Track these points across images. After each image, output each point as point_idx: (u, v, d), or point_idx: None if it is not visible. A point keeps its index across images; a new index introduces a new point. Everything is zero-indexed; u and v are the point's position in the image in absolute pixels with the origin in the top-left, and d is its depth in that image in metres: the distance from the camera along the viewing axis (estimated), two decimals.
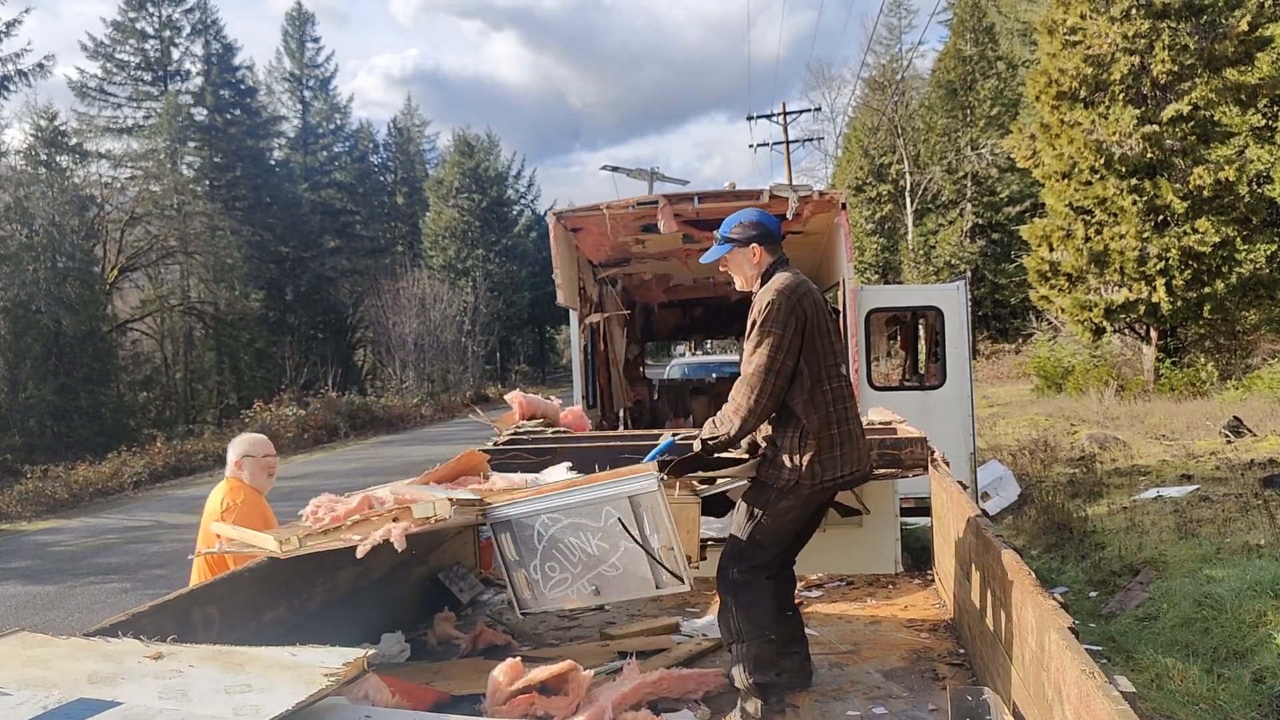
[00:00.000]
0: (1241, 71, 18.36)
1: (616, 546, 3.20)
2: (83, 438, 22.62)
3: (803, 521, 3.39)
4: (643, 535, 3.17)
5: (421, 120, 59.00)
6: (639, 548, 3.17)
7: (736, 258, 3.45)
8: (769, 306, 3.20)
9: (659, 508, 3.17)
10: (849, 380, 3.44)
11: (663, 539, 3.16)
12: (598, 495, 3.22)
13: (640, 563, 3.19)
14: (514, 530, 3.33)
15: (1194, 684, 4.85)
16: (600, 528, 3.21)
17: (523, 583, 3.34)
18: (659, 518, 3.17)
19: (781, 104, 34.07)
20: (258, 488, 4.34)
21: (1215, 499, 8.67)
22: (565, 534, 3.25)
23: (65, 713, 1.90)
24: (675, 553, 3.15)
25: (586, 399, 7.83)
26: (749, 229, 3.43)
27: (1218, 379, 18.19)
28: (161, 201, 32.66)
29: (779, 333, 3.17)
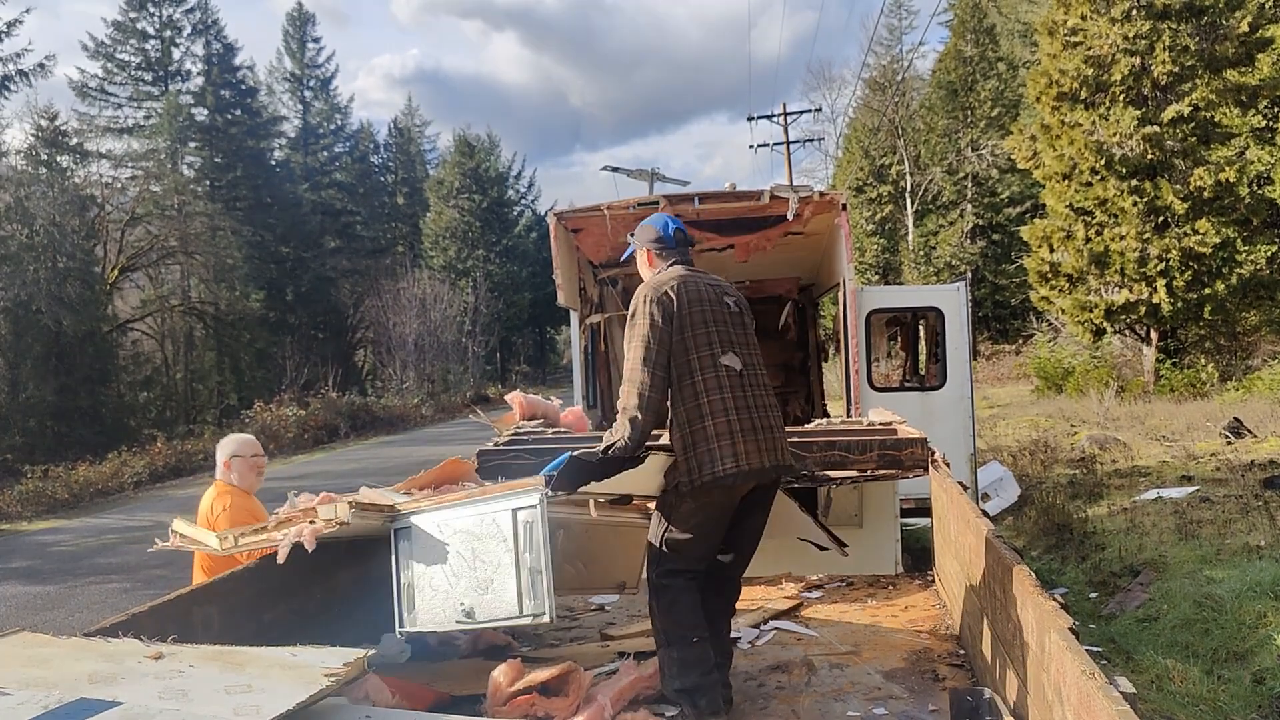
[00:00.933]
0: (1242, 72, 18.36)
1: (492, 563, 3.07)
2: (83, 438, 22.62)
3: (714, 525, 3.23)
4: (516, 552, 3.03)
5: (422, 120, 59.10)
6: (512, 568, 3.02)
7: (639, 259, 3.56)
8: (634, 302, 3.26)
9: (538, 526, 3.03)
10: (749, 371, 3.29)
11: (533, 561, 3.00)
12: (488, 508, 3.12)
13: (510, 585, 3.04)
14: (411, 538, 3.22)
15: (1194, 685, 4.85)
16: (483, 540, 3.10)
17: (408, 597, 3.20)
18: (535, 537, 3.02)
19: (782, 104, 34.09)
20: (246, 488, 4.37)
21: (1215, 500, 8.67)
22: (453, 546, 3.14)
23: (65, 713, 1.90)
24: (543, 578, 2.98)
25: (587, 399, 7.83)
26: (644, 233, 3.52)
27: (1218, 380, 18.19)
28: (162, 201, 32.70)
29: (643, 324, 3.19)
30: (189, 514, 4.21)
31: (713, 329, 3.25)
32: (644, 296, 3.25)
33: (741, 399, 3.22)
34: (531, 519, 3.04)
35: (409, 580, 3.21)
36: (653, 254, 3.47)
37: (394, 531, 3.28)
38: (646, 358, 3.18)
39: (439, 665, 3.79)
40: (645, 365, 3.18)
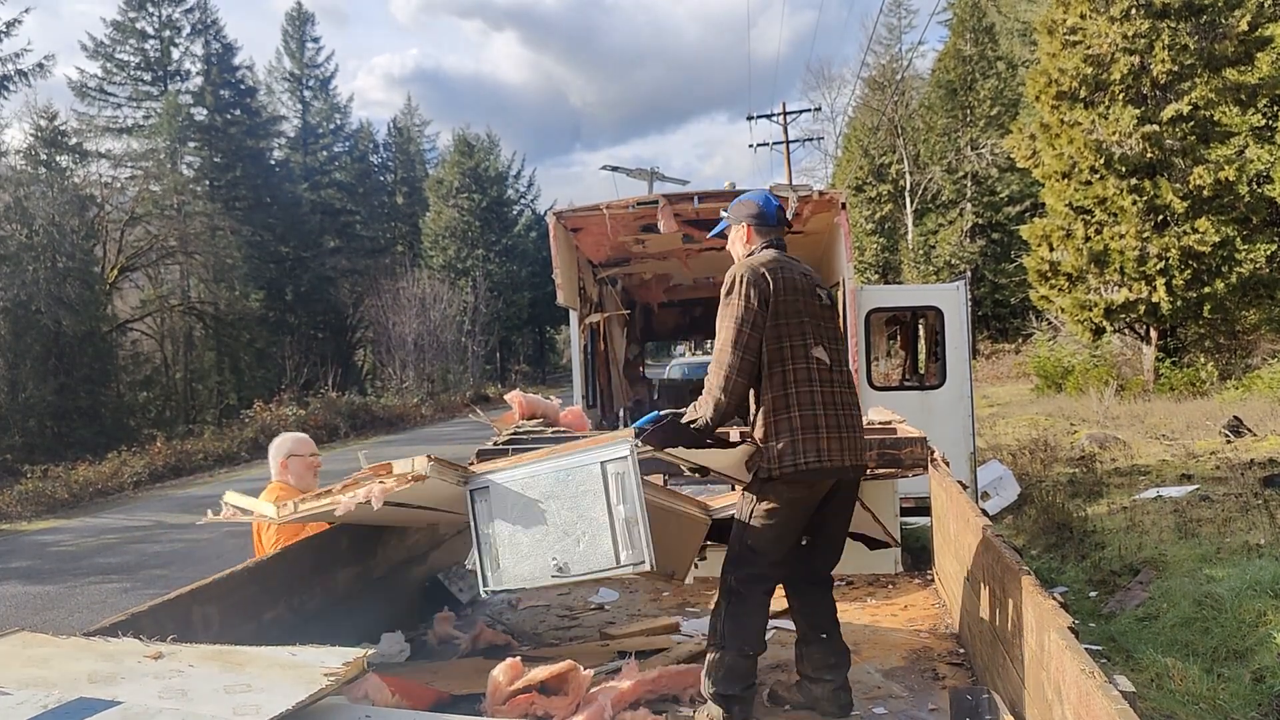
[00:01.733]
0: (1241, 71, 18.36)
1: (583, 518, 3.05)
2: (83, 438, 22.62)
3: (794, 525, 3.16)
4: (609, 504, 3.02)
5: (421, 120, 59.08)
6: (605, 520, 3.01)
7: (731, 236, 3.44)
8: (729, 281, 3.18)
9: (629, 476, 3.01)
10: (836, 366, 3.23)
11: (628, 511, 2.99)
12: (571, 462, 3.10)
13: (605, 536, 3.02)
14: (491, 497, 3.21)
15: (1194, 684, 4.85)
16: (571, 495, 3.07)
17: (491, 556, 3.20)
18: (628, 487, 3.01)
19: (782, 104, 34.12)
20: (304, 489, 4.20)
21: (1215, 499, 8.67)
22: (538, 502, 3.12)
23: (65, 712, 1.90)
24: (640, 528, 2.97)
25: (586, 399, 7.83)
26: (744, 208, 3.42)
27: (1218, 379, 18.19)
28: (161, 201, 32.69)
29: (738, 305, 3.11)
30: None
31: (806, 320, 3.17)
32: (739, 276, 3.16)
33: (830, 394, 3.16)
34: (623, 470, 3.03)
35: (491, 540, 3.19)
36: (752, 229, 3.36)
37: (471, 493, 3.26)
38: (737, 340, 3.11)
39: (439, 665, 3.79)
40: (735, 348, 3.11)
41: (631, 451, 3.04)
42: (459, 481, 3.27)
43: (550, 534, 3.10)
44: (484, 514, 3.22)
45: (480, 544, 3.22)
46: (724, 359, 3.13)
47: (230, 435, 22.74)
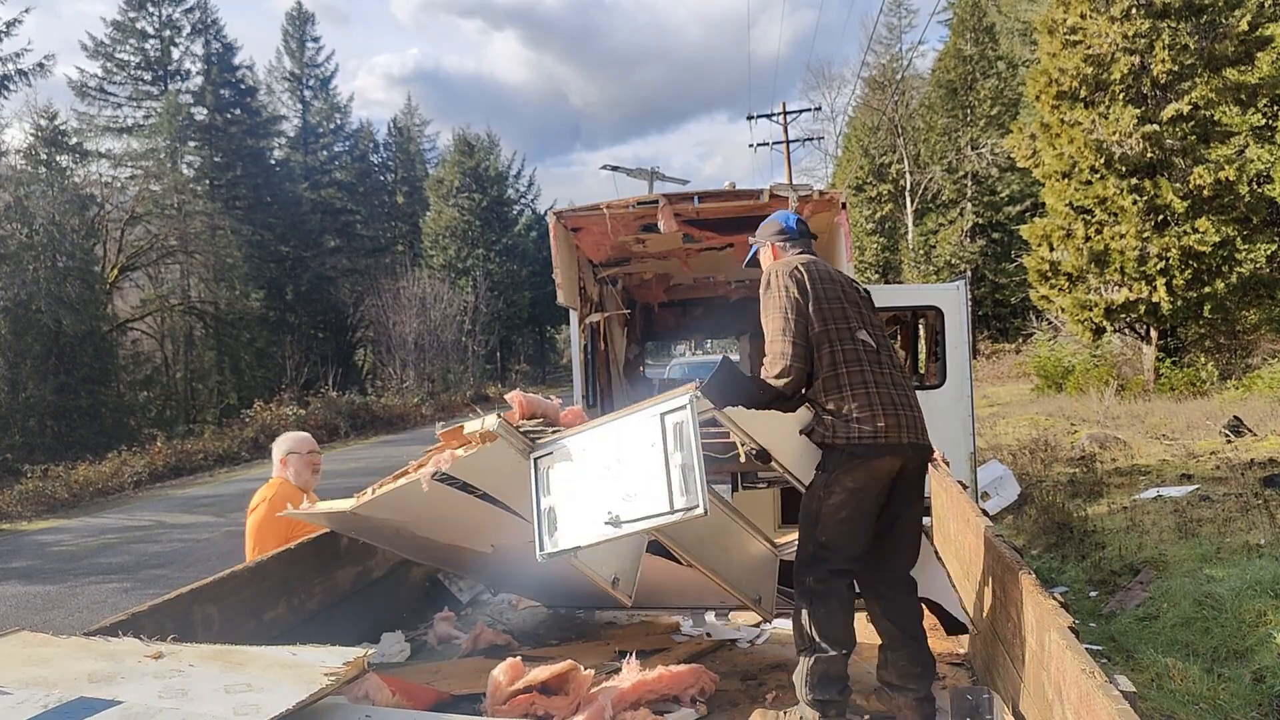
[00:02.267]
0: (1241, 71, 18.35)
1: (639, 468, 3.04)
2: (83, 437, 22.63)
3: (864, 513, 3.10)
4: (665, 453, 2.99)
5: (421, 120, 59.05)
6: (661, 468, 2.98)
7: (762, 257, 3.68)
8: (765, 279, 3.33)
9: (688, 425, 2.97)
10: (883, 349, 3.27)
11: (684, 458, 2.95)
12: (631, 420, 3.11)
13: (659, 484, 2.98)
14: (553, 462, 3.22)
15: (1194, 683, 4.85)
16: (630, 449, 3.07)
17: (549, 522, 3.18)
18: (685, 435, 2.97)
19: (782, 104, 34.07)
20: (302, 486, 4.30)
21: (1215, 499, 8.67)
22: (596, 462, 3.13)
23: (65, 712, 1.90)
24: (696, 474, 2.92)
25: (586, 399, 7.82)
26: (767, 228, 3.66)
27: (1218, 379, 18.19)
28: (162, 201, 32.68)
29: (780, 297, 3.24)
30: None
31: (848, 306, 3.27)
32: (775, 272, 3.31)
33: (880, 374, 3.19)
34: (681, 419, 3.00)
35: (550, 505, 3.20)
36: (777, 246, 3.58)
37: (534, 461, 3.28)
38: (785, 328, 3.20)
39: (439, 665, 3.79)
40: (785, 335, 3.20)
41: (691, 401, 3.01)
42: (523, 448, 3.28)
43: (606, 490, 3.09)
44: (543, 480, 3.24)
45: (539, 511, 3.22)
46: (776, 348, 3.20)
47: (230, 435, 22.75)
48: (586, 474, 3.15)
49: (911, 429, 3.15)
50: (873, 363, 3.20)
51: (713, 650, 3.91)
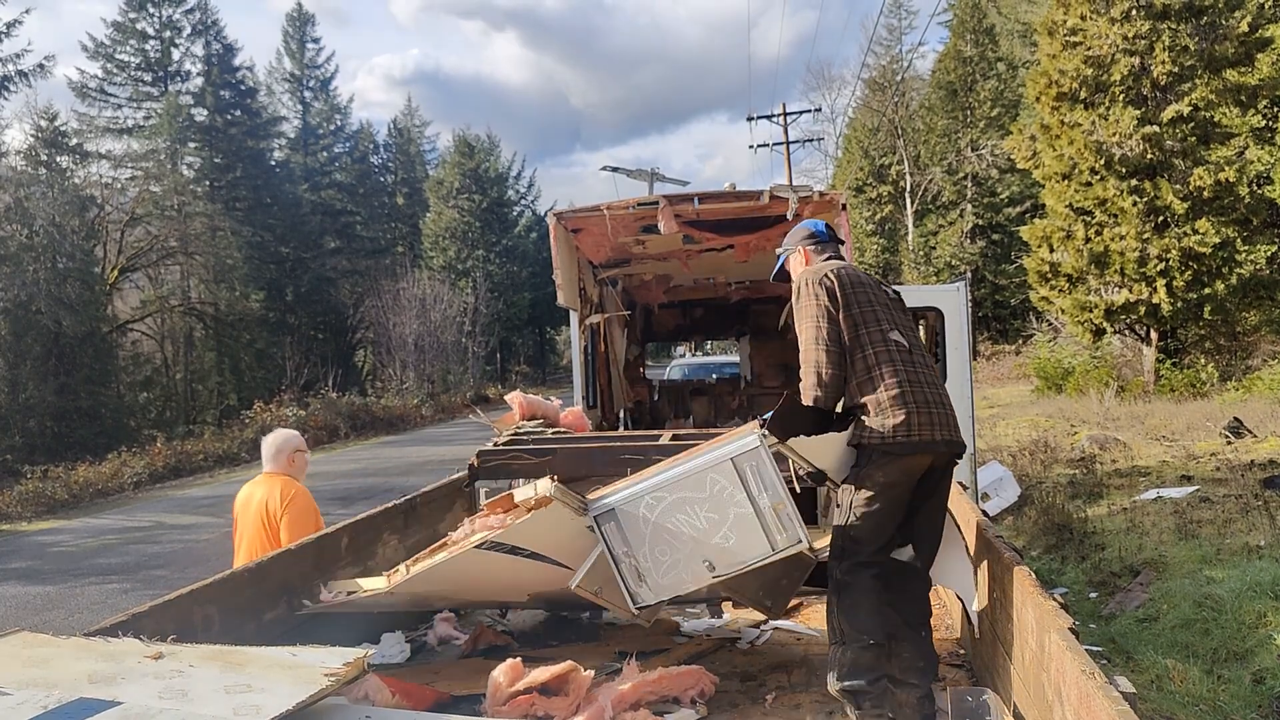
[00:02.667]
0: (1242, 72, 18.36)
1: (726, 515, 3.06)
2: (83, 438, 22.63)
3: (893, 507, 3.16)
4: (750, 496, 3.04)
5: (422, 121, 59.06)
6: (749, 511, 3.02)
7: (791, 265, 3.72)
8: (796, 288, 3.37)
9: (764, 466, 3.03)
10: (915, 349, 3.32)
11: (772, 497, 3.01)
12: (699, 463, 3.12)
13: (753, 527, 3.04)
14: (618, 520, 3.21)
15: (1194, 685, 4.85)
16: (706, 498, 3.09)
17: (633, 574, 3.19)
18: (765, 475, 3.03)
19: (782, 105, 34.09)
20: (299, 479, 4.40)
21: (1215, 500, 8.67)
22: (671, 512, 3.13)
23: (65, 713, 1.90)
24: (788, 508, 3.00)
25: (587, 399, 7.82)
26: (795, 235, 3.71)
27: (1218, 380, 18.19)
28: (162, 202, 32.68)
29: (810, 304, 3.27)
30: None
31: (879, 308, 3.31)
32: (804, 280, 3.34)
33: (913, 372, 3.23)
34: (756, 461, 3.05)
35: (630, 559, 3.19)
36: (809, 251, 3.62)
37: (595, 519, 3.25)
38: (818, 336, 3.24)
39: (439, 665, 3.80)
40: (818, 343, 3.23)
41: (761, 441, 3.06)
42: (579, 508, 3.25)
43: (694, 538, 3.12)
44: (615, 536, 3.22)
45: (619, 565, 3.22)
46: (810, 357, 3.25)
47: (230, 436, 22.74)
48: (664, 524, 3.15)
49: (944, 426, 3.20)
50: (905, 362, 3.24)
51: (713, 651, 3.91)
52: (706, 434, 5.06)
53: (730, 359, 15.31)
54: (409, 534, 4.59)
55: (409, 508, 4.64)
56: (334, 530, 3.94)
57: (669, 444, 4.74)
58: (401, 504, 4.59)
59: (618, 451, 4.75)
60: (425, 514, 4.83)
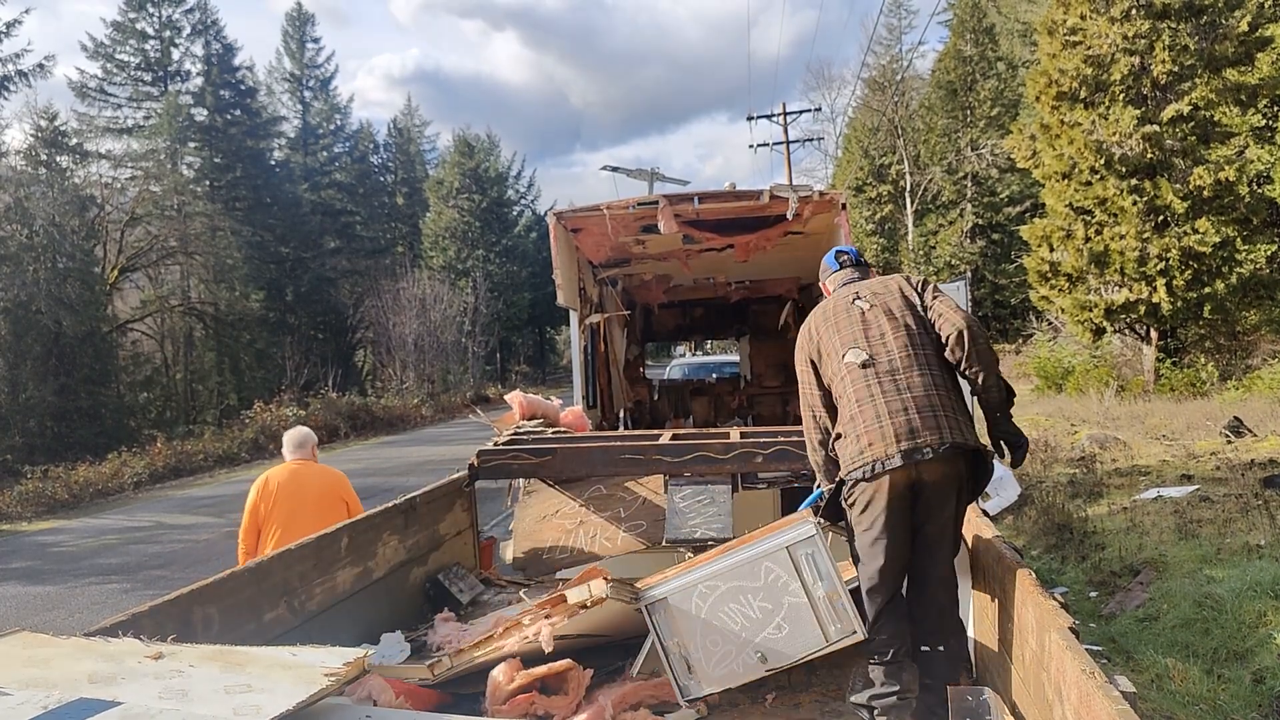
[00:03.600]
0: (1242, 72, 18.35)
1: (780, 604, 3.05)
2: (83, 438, 22.62)
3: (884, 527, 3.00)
4: (804, 585, 3.02)
5: (422, 120, 59.09)
6: (803, 601, 3.01)
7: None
8: None
9: (820, 554, 3.03)
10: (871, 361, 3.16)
11: (827, 586, 3.01)
12: (754, 553, 3.10)
13: (807, 617, 3.02)
14: (671, 608, 3.16)
15: (1194, 684, 4.85)
16: (760, 587, 3.07)
17: (682, 666, 3.15)
18: (821, 565, 3.03)
19: (782, 104, 34.07)
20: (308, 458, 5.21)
21: (1215, 499, 8.67)
22: (724, 602, 3.10)
23: (65, 713, 1.90)
24: (843, 599, 2.99)
25: (586, 399, 7.83)
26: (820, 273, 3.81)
27: (1218, 379, 18.18)
28: (162, 202, 32.67)
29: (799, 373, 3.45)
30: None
31: (837, 336, 3.32)
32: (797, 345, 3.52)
33: (867, 386, 3.12)
34: (812, 549, 3.07)
35: (680, 649, 3.16)
36: (827, 285, 3.74)
37: (647, 608, 3.21)
38: (805, 402, 3.42)
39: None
40: (806, 409, 3.41)
41: (817, 530, 3.06)
42: (632, 600, 3.22)
43: (746, 629, 3.09)
44: (665, 626, 3.19)
45: (667, 655, 3.17)
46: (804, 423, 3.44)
47: (230, 436, 22.75)
48: (716, 614, 3.13)
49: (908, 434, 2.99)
50: (860, 379, 3.14)
51: None
52: (706, 434, 5.07)
53: (730, 358, 15.31)
54: (409, 534, 4.59)
55: (409, 508, 4.63)
56: (334, 530, 3.93)
57: (669, 444, 4.74)
58: (401, 504, 4.59)
59: (618, 451, 4.75)
60: (425, 514, 4.82)
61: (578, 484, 4.92)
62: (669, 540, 4.45)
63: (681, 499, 4.53)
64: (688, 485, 4.59)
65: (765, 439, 4.70)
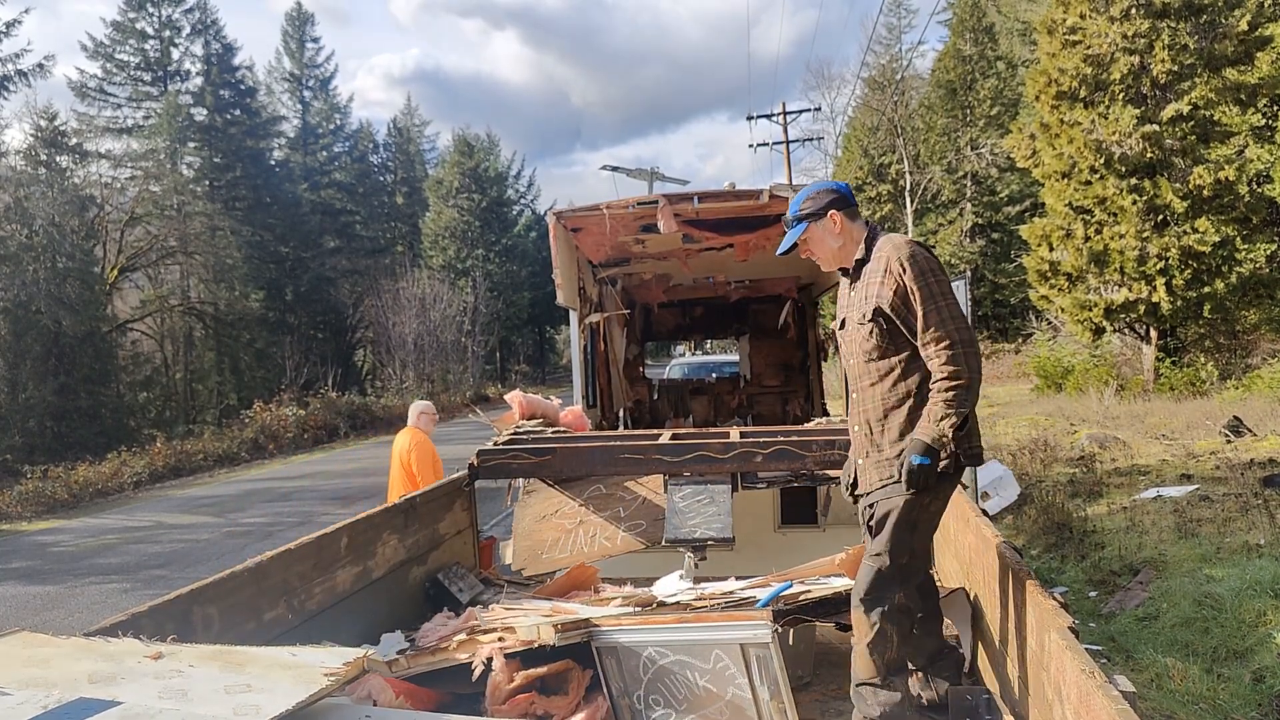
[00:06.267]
0: (1241, 71, 18.35)
1: (724, 694, 3.03)
2: (83, 438, 22.62)
3: None
4: (752, 686, 3.00)
5: (421, 120, 59.10)
6: (747, 697, 2.99)
7: (816, 234, 3.11)
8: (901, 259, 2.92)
9: (771, 661, 2.99)
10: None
11: (771, 692, 2.96)
12: (709, 636, 3.08)
13: (750, 716, 3.00)
14: (620, 656, 3.18)
15: (1194, 683, 4.85)
16: (709, 670, 3.06)
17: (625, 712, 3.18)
18: (769, 669, 2.98)
19: (782, 104, 34.06)
20: (426, 432, 6.91)
21: (1215, 499, 8.67)
22: (673, 668, 3.10)
23: (65, 713, 1.90)
24: (786, 708, 2.95)
25: (586, 399, 7.82)
26: (821, 198, 3.10)
27: (1218, 379, 18.18)
28: (161, 202, 32.67)
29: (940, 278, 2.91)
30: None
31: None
32: (911, 249, 2.90)
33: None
34: (764, 654, 3.00)
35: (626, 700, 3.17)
36: (843, 217, 3.08)
37: (595, 648, 3.20)
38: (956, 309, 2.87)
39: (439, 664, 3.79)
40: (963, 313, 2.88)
41: (774, 636, 3.01)
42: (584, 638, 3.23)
43: (688, 700, 3.09)
44: (614, 672, 3.19)
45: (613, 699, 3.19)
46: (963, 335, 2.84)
47: (230, 435, 22.75)
48: (660, 682, 3.12)
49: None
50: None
51: None
52: (706, 433, 5.07)
53: (730, 358, 15.31)
54: (409, 534, 4.58)
55: (409, 508, 4.63)
56: (333, 530, 3.93)
57: (668, 443, 4.74)
58: (401, 504, 4.59)
59: (617, 451, 4.75)
60: (425, 514, 4.82)
61: (577, 484, 4.92)
62: (669, 540, 4.44)
63: (681, 498, 4.53)
64: (687, 485, 4.58)
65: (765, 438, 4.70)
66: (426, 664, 3.31)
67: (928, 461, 2.76)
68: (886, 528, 2.87)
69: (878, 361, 2.97)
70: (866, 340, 2.97)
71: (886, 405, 2.95)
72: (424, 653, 3.35)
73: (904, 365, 2.91)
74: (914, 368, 2.90)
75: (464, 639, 3.33)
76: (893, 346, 2.92)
